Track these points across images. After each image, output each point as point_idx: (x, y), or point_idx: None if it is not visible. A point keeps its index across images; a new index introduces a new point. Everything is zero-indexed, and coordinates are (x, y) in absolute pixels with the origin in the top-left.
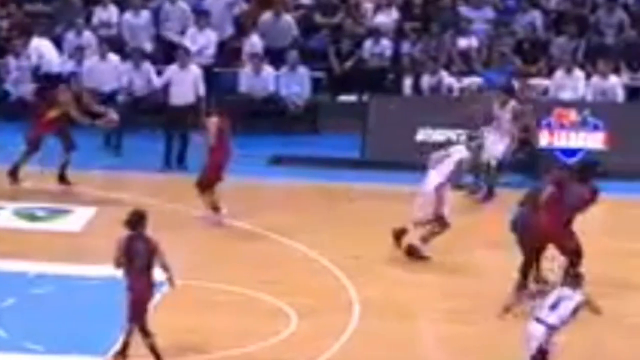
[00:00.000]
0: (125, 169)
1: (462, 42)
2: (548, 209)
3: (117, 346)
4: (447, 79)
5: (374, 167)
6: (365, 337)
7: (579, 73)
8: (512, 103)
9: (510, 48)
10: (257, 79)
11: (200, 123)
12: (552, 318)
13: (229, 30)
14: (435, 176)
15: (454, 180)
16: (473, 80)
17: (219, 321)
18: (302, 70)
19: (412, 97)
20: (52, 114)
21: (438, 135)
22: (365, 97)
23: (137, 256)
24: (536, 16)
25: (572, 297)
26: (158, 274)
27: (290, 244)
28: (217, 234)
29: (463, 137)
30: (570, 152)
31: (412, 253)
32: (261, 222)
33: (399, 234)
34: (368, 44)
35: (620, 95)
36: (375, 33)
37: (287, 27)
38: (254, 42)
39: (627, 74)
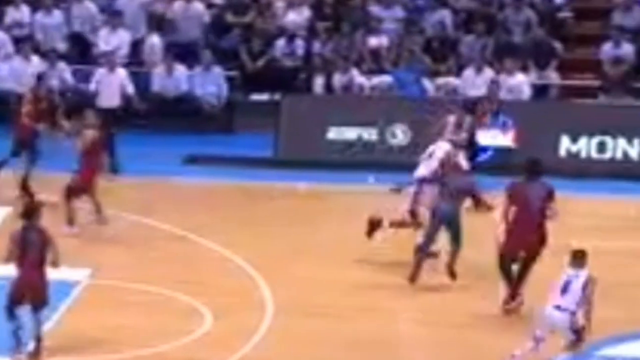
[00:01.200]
0: (49, 170)
1: (373, 41)
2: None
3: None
4: (358, 77)
5: (287, 165)
6: (278, 336)
7: (487, 71)
8: (469, 119)
9: (420, 47)
10: (169, 79)
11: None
12: (568, 303)
13: (143, 29)
14: (422, 169)
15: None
16: (383, 79)
17: (134, 321)
18: (217, 70)
19: (323, 96)
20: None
21: (349, 133)
22: (277, 96)
23: (31, 247)
24: (445, 15)
25: (579, 276)
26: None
27: (205, 244)
28: (134, 233)
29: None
30: (481, 150)
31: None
32: (177, 222)
33: (373, 226)
34: (280, 43)
35: (527, 93)
36: (287, 32)
37: (198, 16)
38: (154, 43)
39: (534, 72)
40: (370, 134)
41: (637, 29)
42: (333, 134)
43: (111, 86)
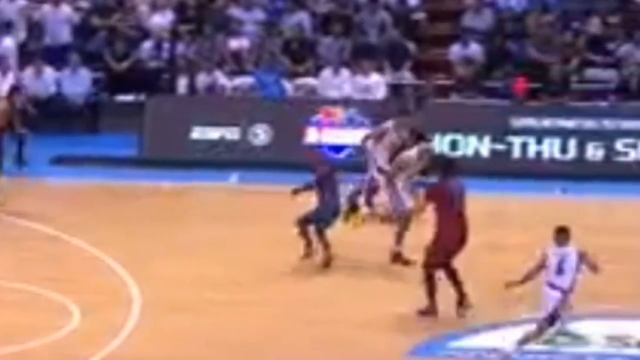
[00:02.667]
0: None
1: (234, 43)
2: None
3: None
4: (221, 78)
5: (152, 164)
6: (145, 333)
7: (345, 72)
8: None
9: (279, 48)
10: (38, 81)
11: None
12: (562, 282)
13: (23, 34)
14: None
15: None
16: (245, 80)
17: (5, 319)
18: (84, 72)
19: (187, 97)
20: None
21: (212, 133)
22: (142, 97)
23: None
24: (303, 17)
25: (568, 252)
26: None
27: (74, 242)
28: (7, 234)
29: None
30: (338, 149)
31: (397, 260)
32: (46, 221)
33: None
34: (146, 45)
35: (382, 93)
36: (151, 34)
37: (66, 19)
38: (7, 46)
39: (390, 72)
40: (232, 134)
41: (487, 31)
42: (196, 133)
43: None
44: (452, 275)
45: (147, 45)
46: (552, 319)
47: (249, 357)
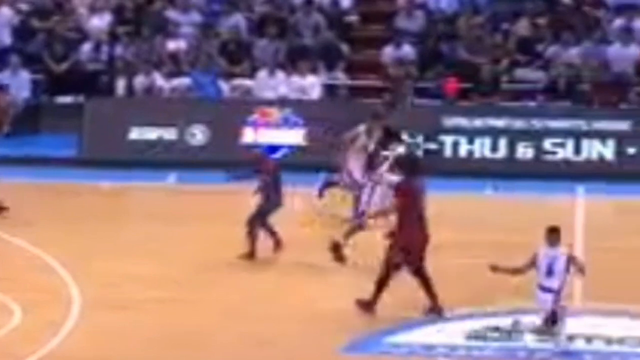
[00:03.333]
0: None
1: (171, 45)
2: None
3: None
4: (159, 80)
5: (91, 165)
6: (85, 331)
7: (280, 73)
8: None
9: (216, 50)
10: None
11: None
12: (554, 283)
13: None
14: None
15: None
16: (182, 81)
17: None
18: (24, 74)
19: (125, 98)
20: None
21: (150, 133)
22: (81, 99)
23: None
24: (239, 19)
25: (558, 255)
26: None
27: (15, 241)
28: None
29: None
30: (274, 149)
31: (335, 250)
32: None
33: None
34: (85, 47)
35: (317, 93)
36: (90, 36)
37: (7, 21)
38: None
39: (324, 73)
40: (170, 134)
41: (419, 32)
42: (135, 134)
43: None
44: (423, 277)
45: (86, 47)
46: (553, 320)
47: (189, 355)
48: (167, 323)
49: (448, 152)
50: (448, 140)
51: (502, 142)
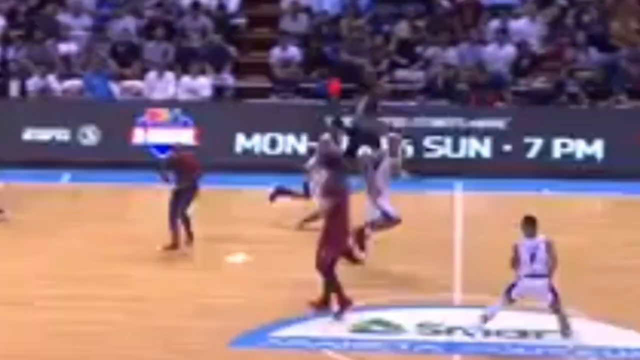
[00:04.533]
0: None
1: (63, 48)
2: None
3: None
4: (52, 82)
5: None
6: None
7: (169, 75)
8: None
9: (107, 52)
10: None
11: None
12: (540, 269)
13: None
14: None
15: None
16: (74, 83)
17: None
18: None
19: (18, 100)
20: None
21: (43, 134)
22: None
23: None
24: (129, 22)
25: (538, 244)
26: None
27: None
28: None
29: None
30: (164, 148)
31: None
32: None
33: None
34: None
35: (208, 94)
36: None
37: None
38: None
39: (212, 74)
40: (63, 135)
41: (304, 34)
42: (28, 135)
43: None
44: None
45: None
46: (556, 300)
47: (88, 349)
48: (65, 319)
49: None
50: None
51: (383, 141)
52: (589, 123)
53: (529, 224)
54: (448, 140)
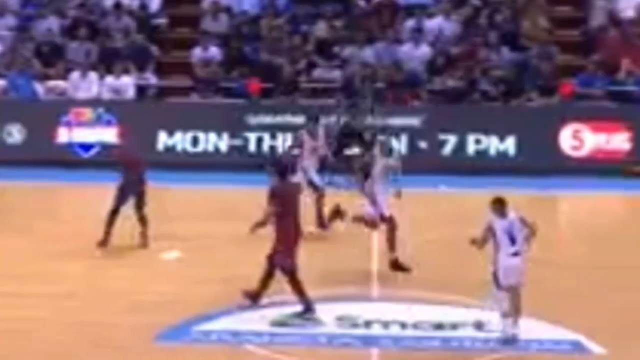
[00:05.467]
0: None
1: None
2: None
3: None
4: None
5: None
6: None
7: (92, 74)
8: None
9: (31, 52)
10: None
11: None
12: (520, 247)
13: None
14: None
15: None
16: None
17: None
18: None
19: None
20: None
21: None
22: None
23: None
24: (53, 22)
25: (512, 221)
26: None
27: None
28: None
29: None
30: (87, 147)
31: (395, 268)
32: None
33: (336, 215)
34: None
35: (131, 93)
36: None
37: None
38: None
39: (135, 73)
40: None
41: (224, 34)
42: None
43: None
44: (270, 274)
45: None
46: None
47: (16, 346)
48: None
49: (252, 148)
50: (252, 137)
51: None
52: (501, 120)
53: (500, 204)
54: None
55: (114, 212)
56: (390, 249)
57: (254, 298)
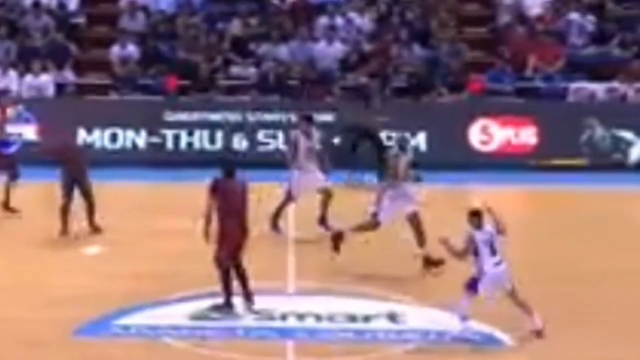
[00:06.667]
0: None
1: None
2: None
3: None
4: None
5: None
6: None
7: (12, 73)
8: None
9: None
10: None
11: None
12: (500, 256)
13: None
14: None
15: None
16: None
17: None
18: None
19: None
20: None
21: None
22: None
23: None
24: None
25: (490, 232)
26: None
27: None
28: None
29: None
30: (6, 144)
31: (428, 264)
32: None
33: (337, 240)
34: None
35: (51, 91)
36: None
37: None
38: None
39: (54, 72)
40: None
41: (142, 32)
42: None
43: None
44: (240, 272)
45: None
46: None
47: None
48: None
49: (170, 145)
50: (169, 134)
51: (219, 135)
52: (412, 116)
53: (476, 216)
54: (281, 134)
55: (65, 209)
56: (420, 245)
57: (248, 297)
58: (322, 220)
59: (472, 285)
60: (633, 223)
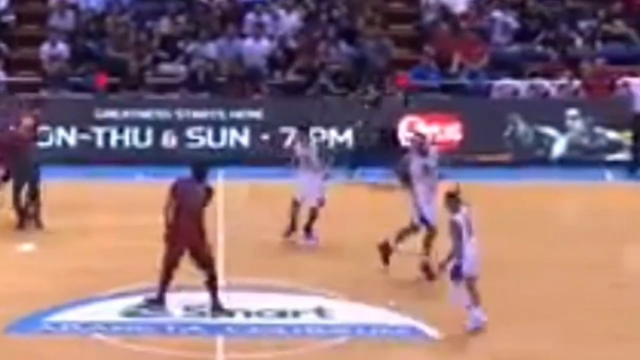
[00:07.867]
0: None
1: None
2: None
3: None
4: None
5: None
6: None
7: None
8: (314, 142)
9: None
10: None
11: None
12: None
13: None
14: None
15: None
16: None
17: None
18: None
19: None
20: None
21: None
22: None
23: None
24: None
25: (466, 213)
26: None
27: None
28: None
29: None
30: None
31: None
32: None
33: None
34: None
35: None
36: None
37: None
38: None
39: None
40: None
41: (71, 31)
42: None
43: None
44: (213, 285)
45: None
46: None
47: None
48: None
49: (100, 142)
50: (100, 131)
51: (149, 132)
52: (340, 113)
53: (453, 197)
54: (209, 131)
55: (17, 200)
56: (425, 253)
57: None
58: (308, 229)
59: (456, 274)
60: (555, 217)
